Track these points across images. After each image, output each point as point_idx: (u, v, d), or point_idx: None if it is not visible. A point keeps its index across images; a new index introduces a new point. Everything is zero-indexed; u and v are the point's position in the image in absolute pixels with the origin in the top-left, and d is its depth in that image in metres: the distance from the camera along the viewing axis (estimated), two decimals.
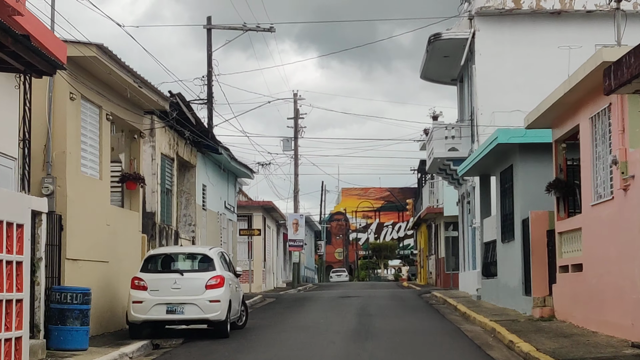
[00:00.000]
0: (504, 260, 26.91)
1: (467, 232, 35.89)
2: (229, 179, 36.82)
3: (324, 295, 38.04)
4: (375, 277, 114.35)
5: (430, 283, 57.05)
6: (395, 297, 35.88)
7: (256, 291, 47.14)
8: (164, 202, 26.35)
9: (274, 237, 55.88)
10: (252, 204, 48.77)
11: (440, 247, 50.50)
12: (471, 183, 33.72)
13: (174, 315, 19.21)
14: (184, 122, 26.97)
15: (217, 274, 19.58)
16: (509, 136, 24.43)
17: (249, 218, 48.47)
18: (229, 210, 36.89)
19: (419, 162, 62.71)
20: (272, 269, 54.32)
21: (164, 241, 25.76)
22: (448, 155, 35.13)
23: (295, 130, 59.96)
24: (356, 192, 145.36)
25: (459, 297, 32.99)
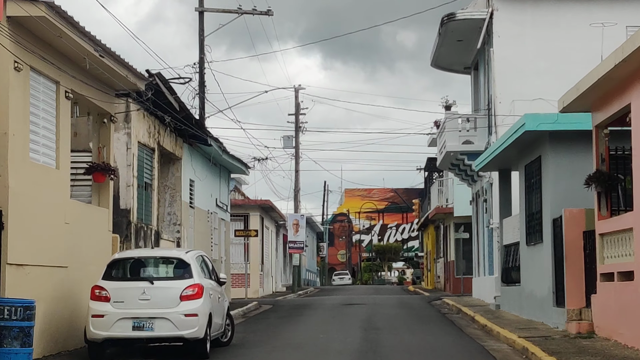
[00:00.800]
0: (530, 265, 23.56)
1: (483, 233, 32.54)
2: (222, 174, 33.48)
3: (325, 302, 34.70)
4: (379, 280, 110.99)
5: (439, 288, 53.70)
6: (403, 305, 32.53)
7: (253, 296, 43.80)
8: (142, 198, 23.01)
9: (272, 238, 52.53)
10: (249, 202, 45.42)
11: (450, 250, 47.14)
12: (488, 179, 30.35)
13: (142, 332, 15.85)
14: (166, 108, 23.64)
15: (194, 282, 16.22)
16: (537, 122, 21.06)
17: (245, 218, 45.15)
18: (221, 209, 33.54)
19: (426, 160, 59.41)
20: (270, 272, 50.98)
21: (141, 242, 22.43)
22: (462, 148, 31.76)
23: (296, 125, 56.61)
24: (359, 192, 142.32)
25: (474, 305, 29.64)
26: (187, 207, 27.72)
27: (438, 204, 47.21)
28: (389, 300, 36.46)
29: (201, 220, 29.94)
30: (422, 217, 62.34)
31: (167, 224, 26.80)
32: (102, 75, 18.40)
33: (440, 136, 34.12)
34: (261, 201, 45.64)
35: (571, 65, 27.84)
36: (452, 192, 45.56)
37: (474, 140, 31.65)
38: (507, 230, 26.90)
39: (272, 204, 46.54)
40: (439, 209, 46.86)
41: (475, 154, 31.10)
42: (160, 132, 24.48)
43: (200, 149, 29.31)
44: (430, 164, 58.47)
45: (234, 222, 44.85)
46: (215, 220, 32.32)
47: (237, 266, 44.51)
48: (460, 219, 45.21)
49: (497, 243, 29.28)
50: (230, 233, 43.55)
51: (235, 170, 34.91)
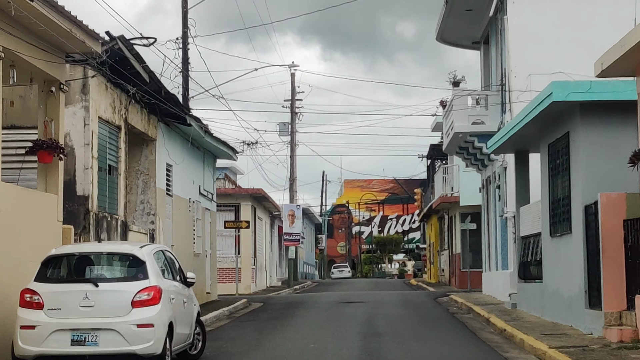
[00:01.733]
0: (554, 259, 20.25)
1: (496, 223, 29.21)
2: (206, 159, 30.15)
3: (321, 300, 31.40)
4: (379, 273, 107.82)
5: (443, 281, 50.41)
6: (406, 303, 29.24)
7: (244, 292, 40.52)
8: (104, 184, 19.70)
9: (266, 230, 49.24)
10: (240, 192, 42.07)
11: (456, 242, 43.83)
12: (502, 163, 27.02)
13: (83, 347, 12.55)
14: (134, 79, 20.32)
15: (150, 284, 12.89)
16: (567, 92, 17.73)
17: (236, 209, 41.84)
18: (205, 198, 30.22)
19: (429, 148, 56.13)
20: (264, 266, 47.69)
21: (103, 235, 19.11)
22: (472, 129, 28.42)
23: (292, 108, 53.27)
24: (359, 183, 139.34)
25: (486, 304, 26.35)
26: (163, 195, 24.41)
27: (442, 193, 43.90)
28: (390, 297, 33.18)
29: (181, 209, 26.63)
30: (424, 207, 59.06)
31: (140, 214, 23.51)
32: (46, 33, 15.10)
33: (447, 116, 30.79)
34: (253, 190, 42.34)
35: (597, 34, 24.45)
36: (458, 180, 42.26)
37: (485, 120, 28.33)
38: (525, 219, 23.60)
39: (265, 193, 43.21)
40: (444, 198, 43.54)
41: (486, 135, 27.81)
42: (129, 108, 21.15)
43: (179, 130, 25.99)
44: (434, 151, 55.16)
45: (224, 213, 41.56)
46: (198, 210, 29.00)
47: (227, 260, 41.25)
48: (467, 208, 41.89)
49: (512, 234, 25.98)
50: (218, 224, 40.28)
51: (221, 155, 31.57)
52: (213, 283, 31.28)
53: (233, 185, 43.95)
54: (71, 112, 18.28)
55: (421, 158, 66.96)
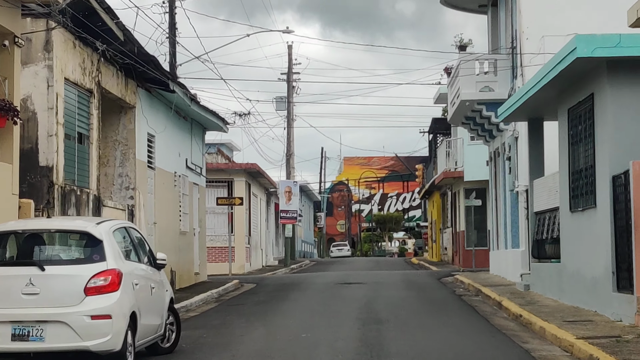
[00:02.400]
0: (575, 236, 18.14)
1: (505, 198, 27.06)
2: (194, 130, 27.99)
3: (318, 281, 29.33)
4: (379, 251, 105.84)
5: (445, 260, 48.35)
6: (409, 284, 27.18)
7: (237, 272, 38.47)
8: (72, 153, 17.55)
9: (262, 207, 47.11)
10: (233, 167, 39.89)
11: (460, 219, 41.71)
12: (512, 133, 24.85)
13: (26, 343, 10.45)
14: (107, 37, 18.14)
15: (107, 267, 10.78)
16: (593, 47, 15.54)
17: (229, 184, 39.70)
18: (193, 172, 28.08)
19: (431, 122, 53.97)
20: (259, 244, 45.61)
21: (71, 210, 16.99)
22: (480, 97, 26.21)
23: (288, 81, 51.07)
24: (359, 161, 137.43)
25: (495, 285, 24.27)
26: (144, 168, 22.27)
27: (446, 168, 41.74)
28: (391, 277, 31.11)
29: (165, 184, 24.50)
30: (426, 184, 56.95)
31: (118, 188, 21.37)
32: None
33: (453, 84, 28.60)
34: (247, 165, 40.15)
35: None
36: (462, 154, 40.11)
37: (494, 86, 26.13)
38: (539, 193, 21.46)
39: (260, 168, 41.04)
40: (447, 173, 41.38)
41: (495, 103, 25.66)
42: (102, 70, 18.97)
43: (163, 97, 23.82)
44: (436, 125, 52.98)
45: (216, 189, 39.46)
46: (184, 184, 26.85)
47: (220, 239, 39.17)
48: (472, 184, 39.78)
49: (523, 210, 23.88)
50: (209, 200, 38.20)
51: (211, 126, 29.39)
52: (202, 263, 29.22)
53: (226, 160, 41.83)
54: (32, 72, 16.13)
55: (423, 133, 64.83)
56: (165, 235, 24.13)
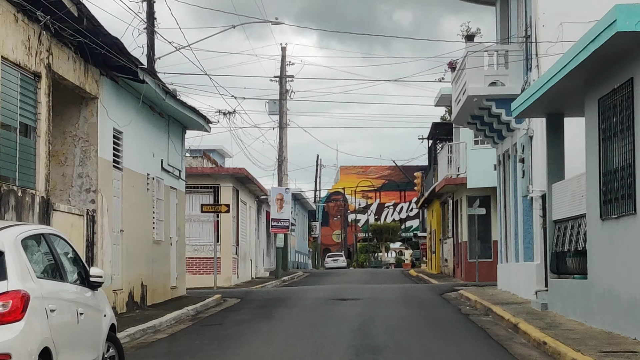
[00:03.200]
0: (608, 248, 15.32)
1: (516, 206, 24.22)
2: (172, 129, 25.20)
3: (309, 296, 26.51)
4: (376, 262, 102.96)
5: (446, 272, 45.50)
6: (409, 300, 24.38)
7: (223, 285, 35.62)
8: (12, 147, 14.73)
9: (251, 215, 44.27)
10: (219, 171, 37.06)
11: (462, 229, 38.92)
12: (526, 131, 22.03)
13: None
14: (57, 12, 15.34)
15: (8, 287, 7.95)
16: (638, 19, 12.79)
17: (215, 190, 36.87)
18: (170, 175, 25.27)
19: (431, 127, 51.19)
20: (248, 255, 42.76)
21: (9, 215, 14.16)
22: (489, 92, 23.42)
23: (281, 79, 48.28)
24: (355, 170, 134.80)
25: (507, 302, 21.46)
26: (108, 168, 19.44)
27: (447, 174, 38.96)
28: (389, 291, 28.28)
29: (136, 187, 21.67)
30: (425, 192, 54.16)
31: (77, 191, 18.55)
32: None
33: (458, 79, 25.83)
34: (234, 170, 37.34)
35: None
36: (465, 159, 37.34)
37: (504, 80, 23.36)
38: (559, 199, 18.65)
39: (249, 173, 38.20)
40: (448, 180, 38.61)
41: (506, 100, 22.93)
42: (54, 52, 16.16)
43: (133, 90, 21.02)
44: (436, 131, 50.22)
45: (202, 195, 36.65)
46: (159, 188, 24.01)
47: (205, 248, 36.36)
48: (475, 191, 37.01)
49: (539, 218, 21.08)
50: (193, 207, 35.48)
51: (191, 124, 26.58)
52: (180, 276, 26.38)
53: (213, 164, 38.96)
54: None
55: (422, 140, 61.99)
56: (135, 244, 21.31)
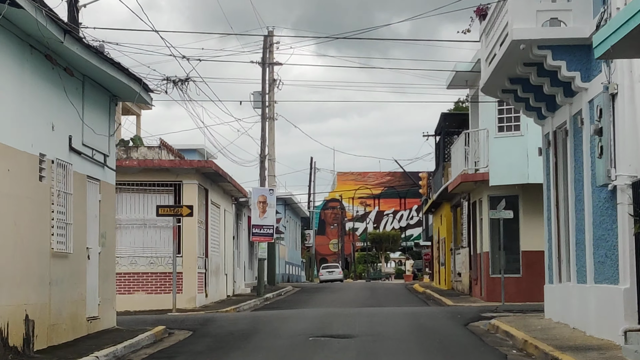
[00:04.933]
0: None
1: (581, 201, 16.65)
2: (90, 95, 17.70)
3: (284, 329, 19.03)
4: (375, 273, 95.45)
5: (459, 289, 38.02)
6: (424, 336, 16.94)
7: (185, 307, 28.23)
8: None
9: (227, 221, 36.76)
10: (181, 165, 29.44)
11: (482, 237, 31.38)
12: (605, 90, 14.46)
13: None
14: None
15: None
16: None
17: (176, 189, 29.39)
18: (87, 160, 17.75)
19: (440, 120, 43.83)
20: (222, 269, 35.26)
21: None
22: (543, 35, 15.92)
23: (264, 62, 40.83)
24: (353, 176, 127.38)
25: (575, 346, 14.00)
26: None
27: (464, 169, 31.45)
28: (394, 320, 20.82)
29: (15, 173, 14.14)
30: (432, 194, 46.68)
31: None
32: None
33: (492, 27, 18.36)
34: (200, 163, 29.76)
35: None
36: (487, 151, 29.89)
37: (565, 18, 15.90)
38: None
39: (220, 168, 30.64)
40: (466, 176, 31.07)
41: (567, 48, 15.59)
42: None
43: (11, 24, 13.56)
44: (445, 123, 42.80)
45: (159, 195, 29.25)
46: (65, 177, 16.42)
47: (163, 261, 28.93)
48: (499, 189, 29.63)
49: (627, 217, 13.62)
50: (146, 210, 28.25)
51: (121, 91, 19.02)
52: (106, 301, 18.84)
53: (175, 156, 31.39)
54: None
55: (427, 137, 54.54)
56: (11, 259, 13.82)
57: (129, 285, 28.50)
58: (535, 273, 29.02)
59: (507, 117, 29.18)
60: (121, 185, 28.55)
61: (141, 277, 28.58)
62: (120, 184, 28.67)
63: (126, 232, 28.72)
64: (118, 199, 28.43)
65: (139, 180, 28.86)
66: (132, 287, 28.51)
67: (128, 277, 28.54)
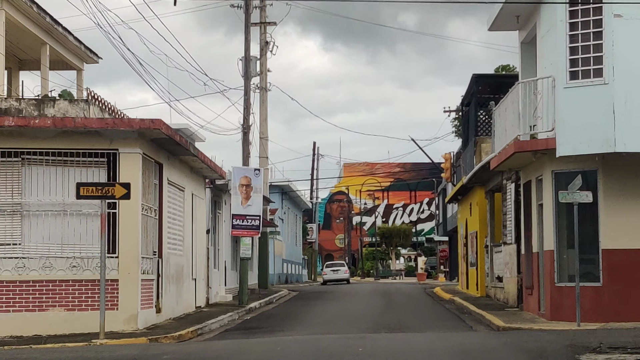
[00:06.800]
0: None
1: None
2: None
3: None
4: (384, 271, 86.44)
5: (499, 298, 28.97)
6: None
7: (123, 330, 19.36)
8: None
9: (199, 209, 27.65)
10: (117, 126, 19.97)
11: (543, 230, 22.16)
12: None
13: None
14: None
15: None
16: None
17: (111, 160, 20.31)
18: None
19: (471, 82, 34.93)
20: (190, 272, 26.21)
21: None
22: None
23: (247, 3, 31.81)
24: (361, 168, 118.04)
25: None
26: None
27: (518, 135, 21.97)
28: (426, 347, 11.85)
29: None
30: (461, 176, 37.66)
31: None
32: None
33: None
34: (143, 123, 20.32)
35: None
36: (552, 108, 20.77)
37: None
38: None
39: (172, 130, 21.35)
40: (521, 144, 21.64)
41: None
42: None
43: None
44: (478, 87, 33.86)
45: (85, 170, 20.24)
46: None
47: (91, 264, 19.95)
48: (570, 162, 20.67)
49: None
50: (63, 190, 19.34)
51: None
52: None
53: (110, 113, 21.98)
54: None
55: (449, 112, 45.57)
56: None
57: (40, 298, 19.61)
58: (623, 281, 20.17)
59: (583, 58, 20.15)
60: (29, 154, 19.71)
61: (59, 286, 19.70)
62: (27, 153, 19.84)
63: (37, 222, 19.83)
64: (25, 175, 19.59)
65: (57, 149, 19.93)
66: (44, 301, 19.62)
67: (39, 288, 19.64)
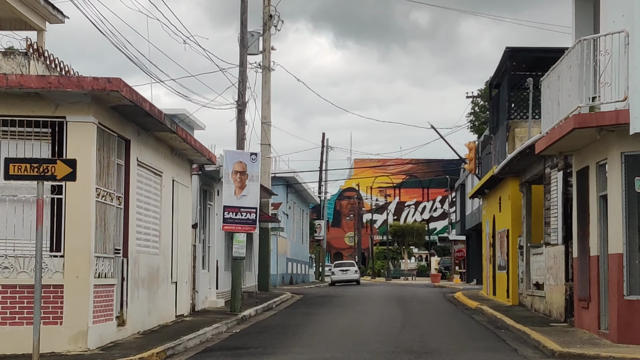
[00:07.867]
0: None
1: None
2: None
3: None
4: (395, 271, 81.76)
5: (538, 309, 24.22)
6: None
7: (67, 351, 14.65)
8: None
9: (183, 199, 22.91)
10: (63, 85, 15.23)
11: (607, 227, 17.35)
12: None
13: None
14: None
15: None
16: None
17: (56, 131, 15.60)
18: None
19: (502, 59, 30.16)
20: (171, 275, 21.49)
21: None
22: None
23: None
24: (372, 164, 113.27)
25: None
26: None
27: (579, 105, 17.11)
28: None
29: None
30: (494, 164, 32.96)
31: None
32: None
33: None
34: (96, 82, 15.56)
35: None
36: (624, 72, 16.04)
37: None
38: None
39: (137, 94, 16.62)
40: (583, 118, 16.71)
41: None
42: None
43: None
44: (512, 63, 29.09)
45: (22, 142, 15.55)
46: None
47: (30, 264, 15.25)
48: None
49: None
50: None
51: None
52: None
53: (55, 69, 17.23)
54: None
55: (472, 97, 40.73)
56: None
57: None
58: None
59: None
60: None
61: None
62: None
63: None
64: None
65: None
66: None
67: None
